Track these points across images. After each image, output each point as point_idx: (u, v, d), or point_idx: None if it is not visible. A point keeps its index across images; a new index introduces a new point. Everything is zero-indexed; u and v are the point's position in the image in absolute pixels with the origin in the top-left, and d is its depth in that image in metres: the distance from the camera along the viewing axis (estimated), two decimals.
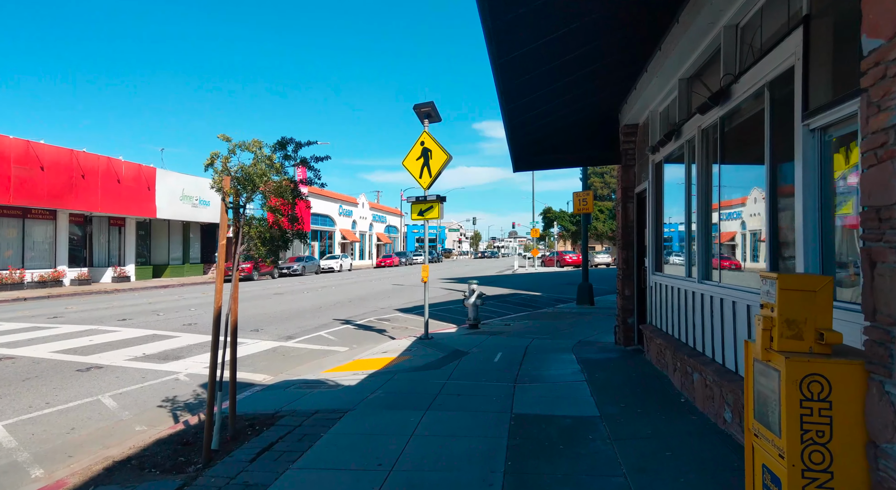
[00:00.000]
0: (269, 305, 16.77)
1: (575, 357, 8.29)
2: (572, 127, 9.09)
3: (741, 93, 4.54)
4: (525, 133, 8.75)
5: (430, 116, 10.69)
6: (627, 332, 8.89)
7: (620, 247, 9.15)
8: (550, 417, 5.29)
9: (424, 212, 10.70)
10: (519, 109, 7.57)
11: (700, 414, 5.16)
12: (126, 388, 7.16)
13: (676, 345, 6.21)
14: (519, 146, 9.07)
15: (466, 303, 12.02)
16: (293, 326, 12.46)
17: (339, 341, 10.80)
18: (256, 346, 10.04)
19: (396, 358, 8.80)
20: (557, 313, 14.76)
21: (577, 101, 8.12)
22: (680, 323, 6.33)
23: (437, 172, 10.56)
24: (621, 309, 8.96)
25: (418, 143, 10.72)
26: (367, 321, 13.58)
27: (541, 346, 9.40)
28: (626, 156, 8.93)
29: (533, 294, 21.28)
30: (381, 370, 7.81)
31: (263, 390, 6.77)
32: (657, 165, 7.59)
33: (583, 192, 17.26)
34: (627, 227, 8.99)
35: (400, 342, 10.32)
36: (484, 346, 9.53)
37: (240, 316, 14.07)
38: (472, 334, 11.05)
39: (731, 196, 5.18)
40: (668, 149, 6.83)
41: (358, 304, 17.50)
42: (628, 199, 8.99)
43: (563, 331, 11.36)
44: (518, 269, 46.04)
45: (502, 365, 7.90)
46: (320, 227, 54.68)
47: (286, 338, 11.00)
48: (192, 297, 20.74)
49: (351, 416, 5.42)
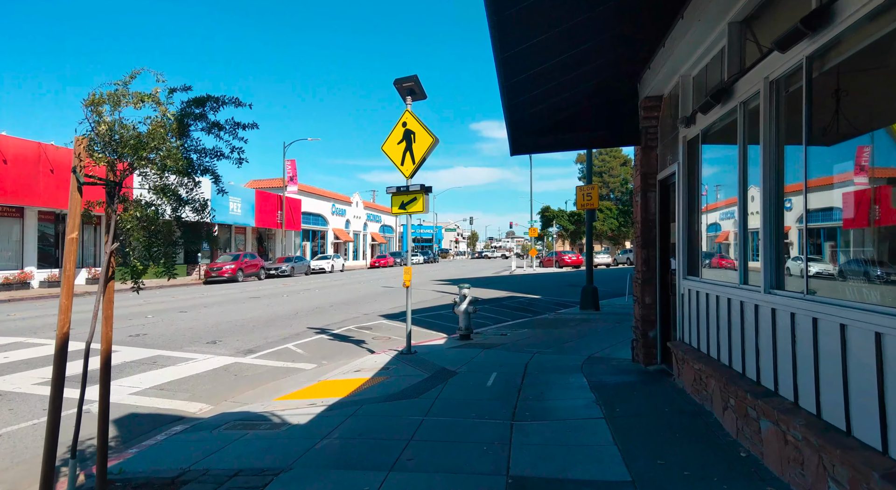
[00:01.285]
0: (240, 311, 15.17)
1: (586, 380, 6.75)
2: (582, 100, 7.54)
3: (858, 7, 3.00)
4: (527, 109, 7.21)
5: (413, 93, 9.15)
6: (648, 348, 7.36)
7: (639, 245, 7.61)
8: (563, 483, 3.75)
9: (407, 204, 9.14)
10: (521, 85, 6.06)
11: (778, 481, 3.62)
12: (15, 425, 5.60)
13: (727, 375, 4.67)
14: (519, 125, 7.52)
15: (457, 310, 10.47)
16: (258, 337, 10.89)
17: (308, 356, 9.24)
18: (206, 364, 8.47)
19: (369, 380, 7.26)
20: (560, 320, 13.23)
21: (589, 69, 6.60)
22: (731, 345, 4.79)
23: (422, 158, 9.02)
24: (640, 320, 7.43)
25: (399, 123, 9.17)
26: (346, 330, 12.02)
27: (543, 364, 7.86)
28: (647, 135, 7.40)
29: (532, 297, 19.75)
30: (346, 398, 6.26)
31: (184, 432, 5.20)
32: (691, 142, 6.05)
33: (586, 186, 15.72)
34: (648, 221, 7.46)
35: (378, 357, 8.77)
36: (475, 364, 7.98)
37: (200, 324, 12.57)
38: (463, 347, 9.51)
39: (817, 174, 3.64)
40: (710, 117, 5.29)
41: (340, 309, 15.93)
42: (649, 187, 7.45)
43: (568, 342, 9.83)
44: (515, 269, 44.51)
45: (497, 391, 6.36)
46: (312, 226, 53.09)
47: (245, 352, 9.43)
48: (162, 301, 19.15)
49: (282, 483, 3.86)
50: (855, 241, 3.46)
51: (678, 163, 6.31)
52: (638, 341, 7.59)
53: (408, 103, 9.14)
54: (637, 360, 7.65)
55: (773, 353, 3.95)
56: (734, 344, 4.71)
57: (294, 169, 43.63)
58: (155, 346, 9.70)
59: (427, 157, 9.08)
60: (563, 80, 6.65)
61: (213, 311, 14.89)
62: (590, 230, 16.83)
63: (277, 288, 24.89)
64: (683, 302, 6.16)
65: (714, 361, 5.12)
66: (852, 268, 3.44)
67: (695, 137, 5.89)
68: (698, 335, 5.65)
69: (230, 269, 31.19)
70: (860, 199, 3.34)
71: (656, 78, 6.62)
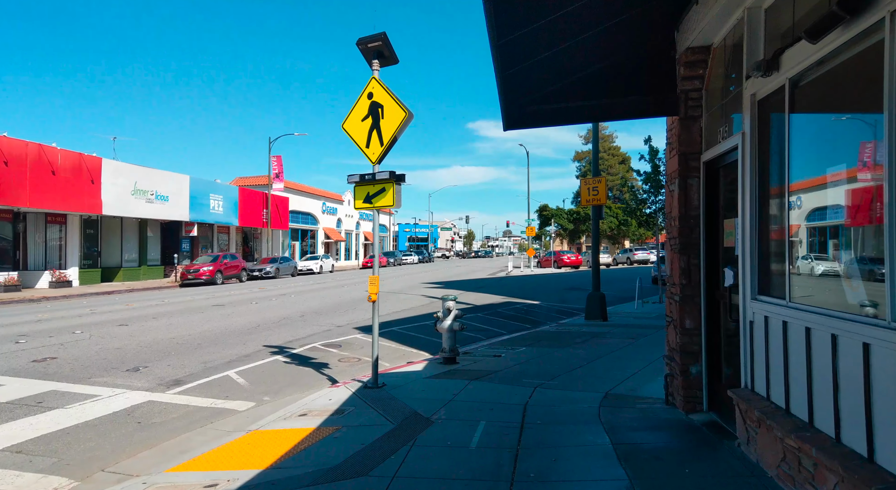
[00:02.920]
0: (192, 324, 13.13)
1: (609, 439, 4.83)
2: (594, 59, 5.61)
3: None
4: (524, 72, 5.30)
5: (381, 56, 7.20)
6: (690, 389, 5.44)
7: (675, 249, 5.70)
8: None
9: (374, 197, 7.20)
10: (518, 42, 4.18)
11: None
12: None
13: (868, 475, 2.75)
14: (514, 91, 5.58)
15: (439, 327, 8.55)
16: (197, 360, 8.92)
17: (249, 389, 7.30)
18: (109, 404, 6.52)
19: (312, 433, 5.33)
20: (564, 334, 11.32)
21: (606, 13, 4.71)
22: (872, 420, 2.87)
23: (392, 138, 7.09)
24: (679, 350, 5.52)
25: (364, 94, 7.24)
26: (310, 348, 10.07)
27: (548, 406, 5.95)
28: (688, 101, 5.48)
29: (530, 303, 17.83)
30: (265, 473, 4.33)
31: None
32: (767, 100, 4.13)
33: (592, 179, 13.81)
34: (689, 217, 5.55)
35: (335, 393, 6.83)
36: (458, 406, 6.06)
37: (134, 343, 10.20)
38: (446, 375, 7.58)
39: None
40: (815, 51, 3.37)
41: (312, 319, 13.97)
42: (690, 172, 5.54)
43: (576, 368, 7.91)
44: (512, 270, 42.61)
45: (484, 457, 4.44)
46: (301, 225, 51.08)
47: (170, 383, 7.48)
48: (110, 310, 17.15)
49: None
50: None
51: (745, 134, 4.39)
52: (675, 378, 5.68)
53: (375, 69, 7.19)
54: (673, 403, 5.75)
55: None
56: (882, 420, 2.79)
57: (280, 165, 41.59)
58: (57, 376, 7.74)
59: (398, 136, 7.14)
60: (571, 28, 4.74)
61: (160, 325, 12.89)
62: (596, 229, 14.95)
63: (252, 293, 22.89)
64: (755, 334, 4.23)
65: (829, 442, 3.19)
66: None
67: (776, 91, 3.96)
68: (787, 390, 3.73)
69: (208, 272, 29.17)
70: None
71: (706, 17, 4.71)
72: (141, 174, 29.36)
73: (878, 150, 2.89)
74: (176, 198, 31.78)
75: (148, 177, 29.75)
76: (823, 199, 3.64)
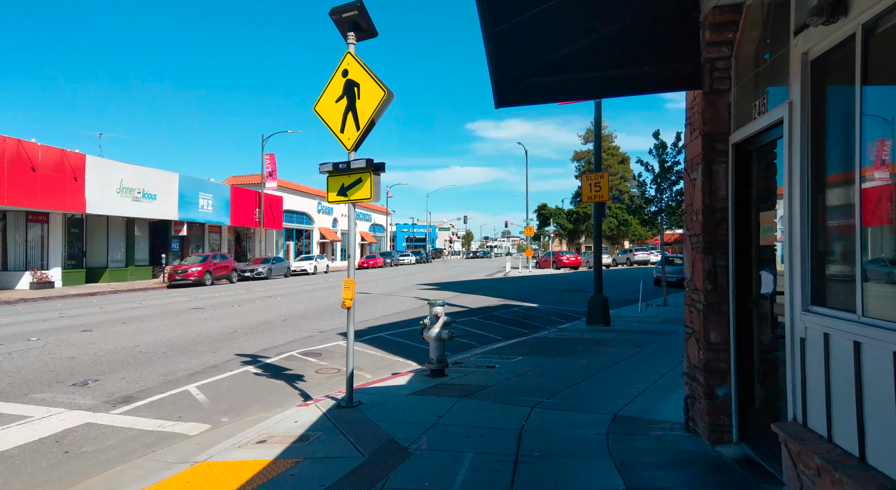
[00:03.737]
0: (161, 330, 12.16)
1: (622, 479, 3.95)
2: (603, 22, 4.72)
3: None
4: (518, 39, 4.43)
5: (357, 28, 6.32)
6: (716, 414, 4.56)
7: (697, 248, 4.83)
8: None
9: (349, 189, 6.31)
10: None
11: None
12: None
13: None
14: (506, 57, 4.70)
15: (426, 335, 7.67)
16: (156, 372, 8.03)
17: (207, 407, 6.42)
18: (37, 427, 5.62)
19: (267, 466, 4.46)
20: (564, 341, 10.44)
21: None
22: None
23: (370, 121, 6.21)
24: (703, 367, 4.64)
25: (338, 72, 6.36)
26: (286, 358, 9.19)
27: (547, 432, 5.07)
28: (715, 71, 4.60)
29: (528, 306, 16.95)
30: None
31: None
32: (825, 61, 3.26)
33: (595, 174, 12.93)
34: (714, 210, 4.67)
35: (303, 413, 5.94)
36: (442, 432, 5.18)
37: (91, 352, 9.21)
38: (431, 391, 6.70)
39: None
40: None
41: (294, 324, 13.06)
42: (716, 156, 4.66)
43: (579, 382, 7.04)
44: (510, 271, 41.72)
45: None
46: (295, 225, 50.21)
47: (119, 401, 6.58)
48: (79, 314, 16.25)
49: None
50: None
51: (791, 103, 3.51)
52: (697, 401, 4.80)
53: (350, 42, 6.31)
54: (695, 430, 4.87)
55: None
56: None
57: (273, 163, 40.67)
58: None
59: (377, 119, 6.27)
60: None
61: (128, 330, 11.97)
62: (598, 228, 14.10)
63: (237, 295, 21.96)
64: (809, 355, 3.35)
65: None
66: None
67: (839, 44, 3.09)
68: (861, 433, 2.85)
69: (196, 272, 28.25)
70: None
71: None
72: (127, 172, 28.44)
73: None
74: (164, 196, 30.85)
75: (135, 174, 28.83)
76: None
